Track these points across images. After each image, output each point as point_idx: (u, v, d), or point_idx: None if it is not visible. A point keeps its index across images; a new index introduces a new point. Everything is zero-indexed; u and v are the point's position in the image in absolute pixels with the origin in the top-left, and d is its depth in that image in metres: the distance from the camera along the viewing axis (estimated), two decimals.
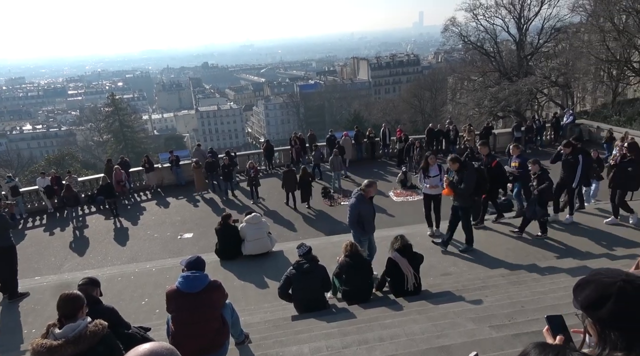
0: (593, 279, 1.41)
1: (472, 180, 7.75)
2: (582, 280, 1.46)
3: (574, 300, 1.46)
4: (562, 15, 36.08)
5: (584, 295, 1.40)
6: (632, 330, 1.31)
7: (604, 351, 1.32)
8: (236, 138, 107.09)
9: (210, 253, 9.65)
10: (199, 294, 4.06)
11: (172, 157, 18.53)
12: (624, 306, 1.31)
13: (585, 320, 1.42)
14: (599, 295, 1.35)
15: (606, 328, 1.34)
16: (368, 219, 7.19)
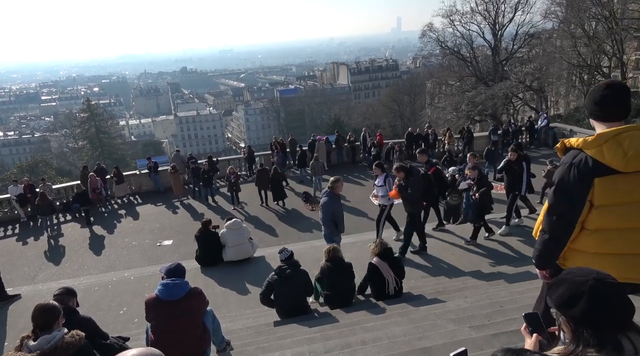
0: (566, 278, 1.46)
1: (418, 186, 7.81)
2: (555, 279, 1.50)
3: (549, 299, 1.51)
4: (535, 21, 37.12)
5: (558, 294, 1.44)
6: (603, 327, 1.35)
7: (578, 348, 1.36)
8: (216, 144, 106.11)
9: (191, 260, 9.53)
10: (179, 302, 4.00)
11: (150, 163, 18.24)
12: (596, 304, 1.35)
13: (559, 318, 1.46)
14: (571, 294, 1.40)
15: (579, 325, 1.38)
16: (340, 216, 7.33)
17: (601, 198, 2.27)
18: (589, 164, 2.25)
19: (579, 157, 2.30)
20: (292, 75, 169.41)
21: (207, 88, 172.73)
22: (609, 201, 2.27)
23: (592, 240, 2.37)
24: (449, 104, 37.39)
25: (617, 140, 2.22)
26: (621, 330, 1.35)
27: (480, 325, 4.28)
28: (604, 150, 2.22)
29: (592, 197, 2.29)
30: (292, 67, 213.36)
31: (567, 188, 2.33)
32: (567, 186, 2.33)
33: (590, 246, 2.38)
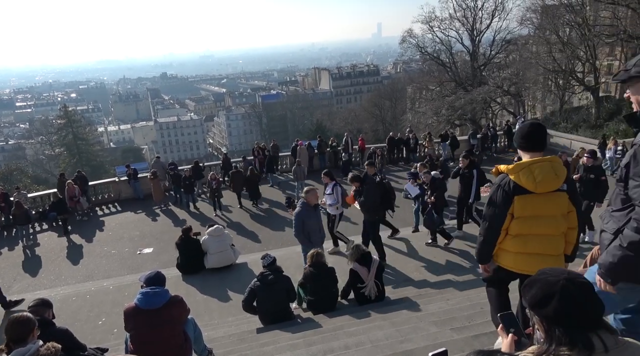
0: (539, 278, 1.50)
1: (372, 194, 7.83)
2: (529, 279, 1.55)
3: (523, 299, 1.55)
4: (511, 28, 38.10)
5: (531, 294, 1.48)
6: (575, 326, 1.39)
7: (550, 347, 1.40)
8: (197, 150, 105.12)
9: (172, 268, 9.40)
10: (160, 310, 3.94)
11: (129, 170, 17.95)
12: (567, 304, 1.39)
13: (533, 318, 1.50)
14: (544, 294, 1.44)
15: (551, 324, 1.42)
16: (313, 228, 7.08)
17: (519, 211, 2.98)
18: (511, 186, 2.95)
19: (505, 180, 3.01)
20: (273, 80, 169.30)
21: (188, 93, 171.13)
22: (525, 213, 2.98)
23: (514, 242, 3.08)
24: (430, 109, 37.94)
25: (530, 169, 2.89)
26: (592, 328, 1.39)
27: (461, 327, 4.34)
28: (521, 176, 2.90)
29: (512, 210, 2.99)
30: (274, 73, 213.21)
31: (495, 203, 3.03)
32: (495, 201, 3.03)
33: (512, 247, 3.10)
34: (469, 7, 37.48)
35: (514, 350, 1.62)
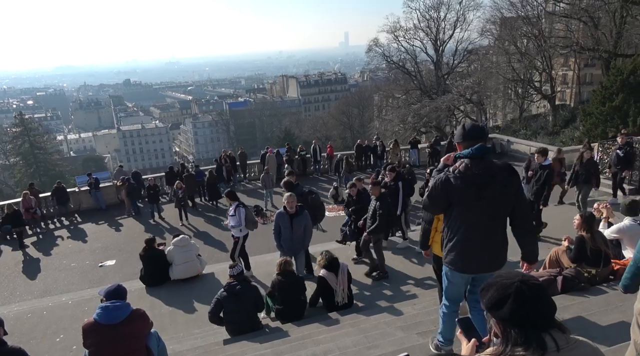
0: (494, 282, 1.54)
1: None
2: (486, 283, 1.59)
3: (481, 302, 1.59)
4: (472, 38, 39.49)
5: (488, 297, 1.53)
6: (529, 326, 1.44)
7: (507, 347, 1.44)
8: (163, 158, 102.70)
9: (136, 280, 9.11)
10: (120, 325, 3.78)
11: (90, 180, 17.32)
12: (521, 305, 1.44)
13: (490, 320, 1.53)
14: (499, 296, 1.48)
15: (507, 325, 1.46)
16: (285, 236, 6.97)
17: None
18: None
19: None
20: (241, 88, 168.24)
21: (153, 101, 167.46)
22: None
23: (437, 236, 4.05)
24: (396, 116, 38.65)
25: None
26: (545, 328, 1.44)
27: (427, 331, 4.39)
28: None
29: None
30: (241, 80, 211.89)
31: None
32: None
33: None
34: (432, 18, 38.62)
35: (474, 353, 1.65)
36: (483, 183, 3.06)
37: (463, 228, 3.21)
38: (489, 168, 3.09)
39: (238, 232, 8.26)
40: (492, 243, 3.25)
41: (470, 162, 3.09)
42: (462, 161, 3.14)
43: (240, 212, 8.10)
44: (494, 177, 3.08)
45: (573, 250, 5.51)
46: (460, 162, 3.14)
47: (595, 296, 4.93)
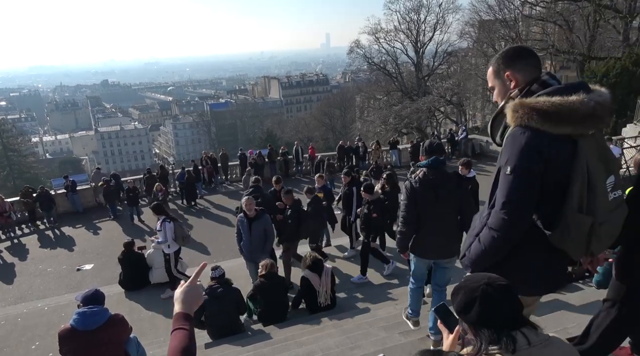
0: (462, 286, 1.57)
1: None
2: (455, 287, 1.61)
3: (453, 306, 1.61)
4: (452, 40, 40.00)
5: (457, 302, 1.55)
6: (499, 325, 1.46)
7: (481, 347, 1.47)
8: (142, 160, 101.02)
9: (115, 285, 8.95)
10: (98, 331, 3.70)
11: (67, 182, 16.91)
12: (487, 307, 1.47)
13: (462, 323, 1.57)
14: (466, 300, 1.51)
15: (477, 327, 1.49)
16: (244, 240, 6.84)
17: None
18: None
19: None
20: (222, 89, 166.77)
21: (132, 102, 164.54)
22: None
23: None
24: (378, 118, 38.90)
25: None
26: (514, 326, 1.47)
27: (409, 331, 4.43)
28: None
29: None
30: (223, 81, 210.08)
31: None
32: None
33: None
34: (412, 20, 38.99)
35: (455, 347, 1.67)
36: (438, 187, 3.84)
37: (424, 223, 3.92)
38: (441, 176, 3.91)
39: (167, 249, 7.72)
40: (445, 235, 3.94)
41: (427, 171, 3.91)
42: (421, 170, 3.95)
43: (167, 227, 7.53)
44: (445, 182, 3.89)
45: None
46: (420, 170, 3.96)
47: (572, 293, 5.06)
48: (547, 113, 1.80)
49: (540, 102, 1.83)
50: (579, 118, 1.80)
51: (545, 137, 1.83)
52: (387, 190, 8.47)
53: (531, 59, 2.03)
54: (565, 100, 1.80)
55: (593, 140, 1.88)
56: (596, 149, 1.88)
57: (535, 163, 1.86)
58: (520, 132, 1.88)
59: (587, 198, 1.85)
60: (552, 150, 1.84)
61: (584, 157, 1.83)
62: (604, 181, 1.88)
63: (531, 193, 1.91)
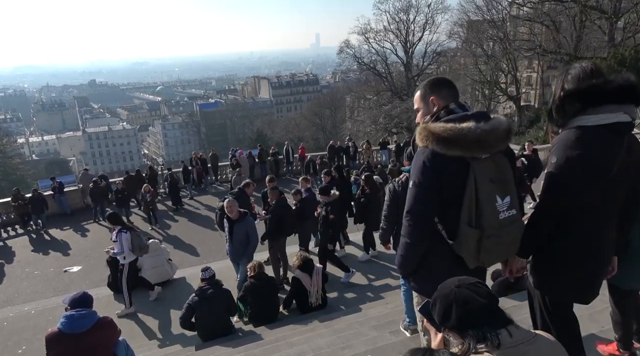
0: (437, 295, 1.59)
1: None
2: (432, 299, 1.62)
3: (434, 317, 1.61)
4: (441, 41, 40.26)
5: (436, 311, 1.56)
6: (480, 321, 1.48)
7: (470, 346, 1.48)
8: (131, 161, 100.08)
9: (103, 287, 8.85)
10: (86, 334, 3.65)
11: (54, 184, 16.69)
12: (464, 307, 1.49)
13: (445, 331, 1.58)
14: (444, 307, 1.53)
15: (462, 330, 1.50)
16: (228, 242, 6.81)
17: None
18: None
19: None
20: (212, 88, 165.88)
21: (120, 102, 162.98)
22: None
23: None
24: (368, 117, 39.00)
25: None
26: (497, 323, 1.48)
27: (399, 330, 4.44)
28: None
29: None
30: (212, 81, 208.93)
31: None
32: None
33: None
34: (401, 20, 39.15)
35: (442, 346, 1.68)
36: None
37: None
38: None
39: (122, 259, 7.35)
40: None
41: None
42: (404, 174, 4.12)
43: (123, 237, 7.22)
44: None
45: None
46: (404, 175, 4.14)
47: None
48: (441, 137, 2.03)
49: (437, 127, 2.07)
50: (467, 143, 2.00)
51: (441, 157, 2.05)
52: (367, 192, 8.44)
53: (452, 89, 2.30)
54: (455, 126, 2.02)
55: (488, 162, 2.07)
56: (490, 171, 2.07)
57: (432, 180, 2.09)
58: (422, 151, 2.14)
59: (476, 213, 2.06)
60: (447, 170, 2.06)
61: (473, 178, 2.03)
62: (493, 200, 2.07)
63: (429, 204, 2.14)
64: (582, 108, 2.11)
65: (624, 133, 2.11)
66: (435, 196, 2.12)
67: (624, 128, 2.11)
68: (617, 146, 2.09)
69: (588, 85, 2.12)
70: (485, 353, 1.46)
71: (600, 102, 2.08)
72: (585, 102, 2.11)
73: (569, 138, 2.12)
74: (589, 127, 2.09)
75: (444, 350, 1.50)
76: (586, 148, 2.07)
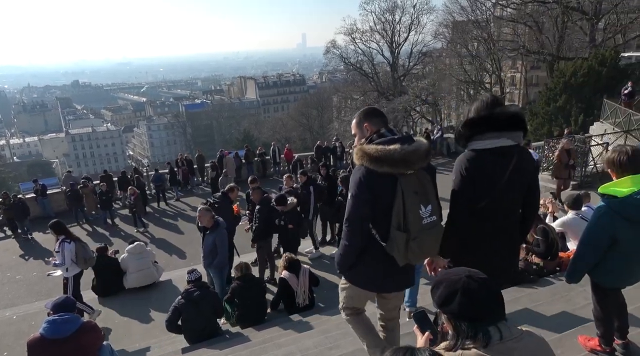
0: (443, 279, 1.61)
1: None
2: (435, 281, 1.65)
3: (432, 300, 1.64)
4: (427, 41, 40.63)
5: (438, 294, 1.59)
6: (476, 318, 1.51)
7: (458, 341, 1.49)
8: (116, 162, 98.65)
9: (87, 291, 8.68)
10: (69, 339, 3.59)
11: (37, 186, 16.36)
12: (469, 298, 1.51)
13: (441, 316, 1.59)
14: (448, 292, 1.55)
15: (457, 320, 1.53)
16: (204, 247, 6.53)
17: None
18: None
19: None
20: (197, 89, 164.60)
21: (104, 103, 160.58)
22: None
23: None
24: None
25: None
26: (493, 321, 1.51)
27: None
28: None
29: None
30: (198, 81, 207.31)
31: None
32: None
33: None
34: (387, 20, 39.40)
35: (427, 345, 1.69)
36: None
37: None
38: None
39: (65, 272, 6.86)
40: None
41: None
42: None
43: (66, 248, 6.68)
44: None
45: (541, 244, 5.70)
46: None
47: (543, 287, 5.18)
48: (373, 157, 2.44)
49: (370, 148, 2.47)
50: (394, 161, 2.41)
51: (373, 173, 2.46)
52: (344, 192, 8.44)
53: (382, 117, 2.72)
54: (384, 148, 2.44)
55: (412, 177, 2.49)
56: (414, 185, 2.48)
57: (366, 193, 2.48)
58: (358, 168, 2.54)
59: (403, 220, 2.46)
60: (378, 184, 2.47)
61: (400, 190, 2.44)
62: (417, 208, 2.48)
63: (362, 213, 2.53)
64: (471, 135, 2.63)
65: (508, 155, 2.59)
66: (368, 206, 2.51)
67: (508, 150, 2.58)
68: (500, 165, 2.59)
69: (474, 117, 2.63)
70: (473, 349, 1.48)
71: (485, 130, 2.58)
72: (473, 131, 2.62)
73: (461, 160, 2.68)
74: (478, 150, 2.62)
75: (425, 348, 1.51)
76: (472, 167, 2.60)
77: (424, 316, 1.77)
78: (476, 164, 2.60)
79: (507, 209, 2.73)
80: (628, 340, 3.24)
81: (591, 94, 20.72)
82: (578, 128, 18.79)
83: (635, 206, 2.57)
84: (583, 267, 2.97)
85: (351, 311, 3.17)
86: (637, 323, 3.54)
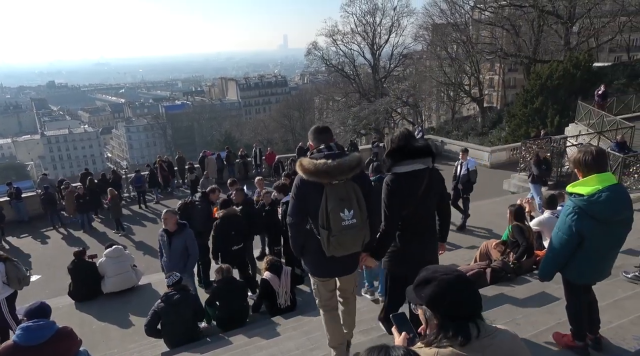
0: (433, 276, 1.63)
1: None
2: (422, 278, 1.67)
3: (417, 297, 1.66)
4: (407, 43, 41.06)
5: (428, 292, 1.61)
6: (463, 316, 1.56)
7: (437, 337, 1.54)
8: (94, 165, 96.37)
9: (64, 296, 8.50)
10: (44, 346, 3.51)
11: (11, 190, 15.92)
12: (459, 297, 1.57)
13: (426, 313, 1.62)
14: (439, 289, 1.58)
15: (445, 318, 1.57)
16: (165, 256, 6.27)
17: None
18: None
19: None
20: (178, 90, 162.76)
21: (81, 104, 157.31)
22: None
23: None
24: (337, 119, 39.22)
25: None
26: (473, 317, 1.57)
27: (369, 328, 4.49)
28: None
29: None
30: (178, 82, 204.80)
31: None
32: None
33: None
34: (368, 22, 39.68)
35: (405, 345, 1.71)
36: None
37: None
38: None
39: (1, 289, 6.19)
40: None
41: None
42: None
43: None
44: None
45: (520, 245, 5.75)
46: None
47: (520, 285, 5.29)
48: (305, 168, 3.05)
49: (305, 161, 3.08)
50: (318, 173, 3.00)
51: (306, 182, 3.08)
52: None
53: (326, 134, 3.28)
54: (312, 162, 3.04)
55: (340, 186, 3.05)
56: (340, 193, 3.04)
57: (301, 196, 3.14)
58: (297, 177, 3.16)
59: (326, 220, 3.04)
60: (309, 190, 3.08)
61: (325, 196, 3.02)
62: (339, 212, 3.03)
63: (300, 211, 3.18)
64: (394, 162, 3.20)
65: (420, 176, 3.19)
66: (303, 207, 3.15)
67: (420, 173, 3.19)
68: (415, 184, 3.19)
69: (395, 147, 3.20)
70: (449, 348, 1.51)
71: (402, 158, 3.17)
72: (394, 158, 3.20)
73: (387, 180, 3.24)
74: (398, 173, 3.20)
75: (399, 346, 1.53)
76: (394, 186, 3.19)
77: (404, 318, 1.79)
78: (397, 184, 3.20)
79: (423, 216, 3.37)
80: (600, 335, 3.34)
81: (566, 96, 21.25)
82: (554, 130, 19.24)
83: (599, 203, 2.68)
84: (554, 265, 3.06)
85: (324, 307, 3.63)
86: (608, 318, 3.65)
